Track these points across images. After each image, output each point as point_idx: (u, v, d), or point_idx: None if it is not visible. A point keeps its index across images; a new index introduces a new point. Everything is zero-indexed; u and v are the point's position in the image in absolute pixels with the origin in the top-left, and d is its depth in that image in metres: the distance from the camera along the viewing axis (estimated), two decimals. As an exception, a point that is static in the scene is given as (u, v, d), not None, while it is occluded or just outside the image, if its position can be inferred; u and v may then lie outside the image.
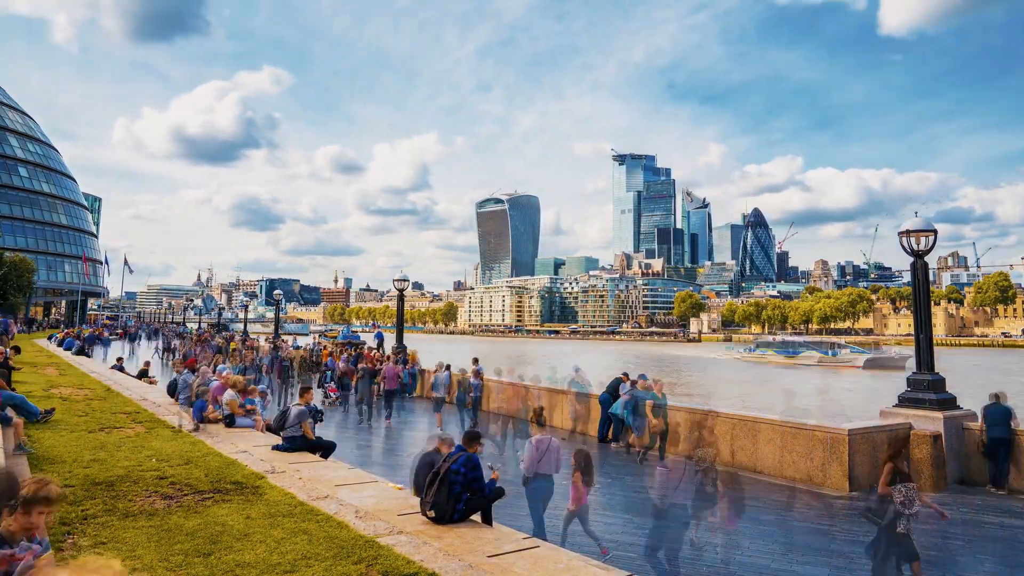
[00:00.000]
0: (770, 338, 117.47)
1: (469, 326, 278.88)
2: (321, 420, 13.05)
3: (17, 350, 20.70)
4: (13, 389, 12.63)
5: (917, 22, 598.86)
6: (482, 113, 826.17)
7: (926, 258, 12.28)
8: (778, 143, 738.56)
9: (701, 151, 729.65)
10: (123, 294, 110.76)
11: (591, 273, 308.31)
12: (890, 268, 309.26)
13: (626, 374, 15.86)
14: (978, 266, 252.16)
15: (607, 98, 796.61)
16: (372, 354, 25.91)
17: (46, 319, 74.86)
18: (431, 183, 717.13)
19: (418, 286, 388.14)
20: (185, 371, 15.36)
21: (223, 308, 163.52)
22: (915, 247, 12.15)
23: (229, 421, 11.90)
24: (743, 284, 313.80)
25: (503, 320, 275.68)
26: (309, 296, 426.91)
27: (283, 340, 35.41)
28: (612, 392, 15.35)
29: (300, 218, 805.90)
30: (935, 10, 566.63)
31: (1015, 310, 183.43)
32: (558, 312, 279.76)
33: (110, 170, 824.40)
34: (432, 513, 6.50)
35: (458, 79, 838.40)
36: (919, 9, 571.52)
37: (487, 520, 6.80)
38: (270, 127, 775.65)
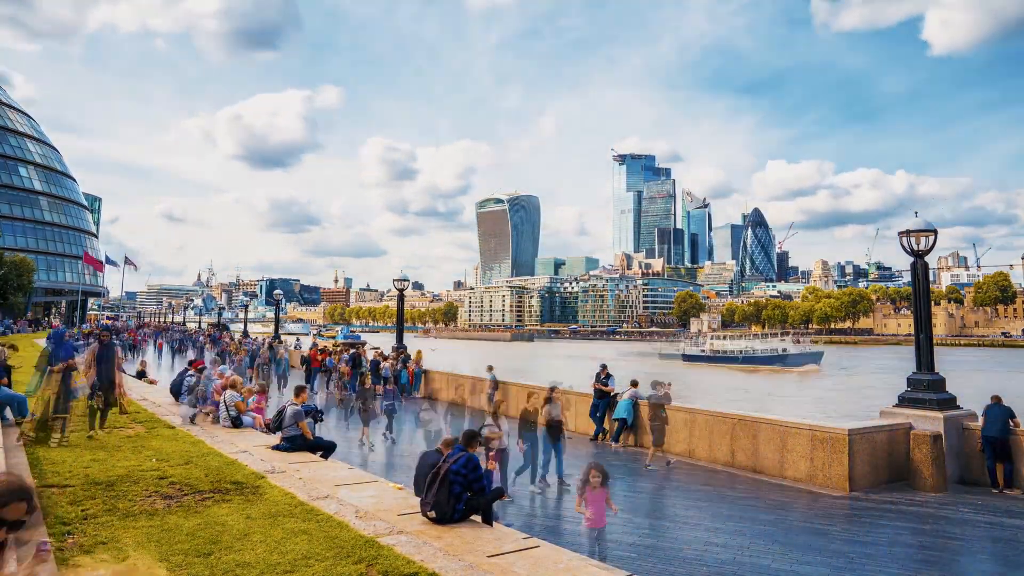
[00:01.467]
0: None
1: (469, 326, 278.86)
2: (322, 420, 13.05)
3: (14, 348, 20.60)
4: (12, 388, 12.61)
5: (961, 47, 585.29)
6: (502, 111, 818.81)
7: (926, 258, 12.28)
8: (808, 139, 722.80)
9: (727, 151, 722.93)
10: (123, 294, 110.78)
11: (591, 273, 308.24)
12: (890, 268, 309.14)
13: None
14: (978, 266, 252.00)
15: (632, 95, 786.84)
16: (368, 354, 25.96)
17: (47, 319, 74.91)
18: (473, 184, 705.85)
19: (418, 286, 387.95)
20: (190, 372, 15.35)
21: (223, 308, 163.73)
22: (915, 247, 12.15)
23: (237, 422, 11.89)
24: (743, 284, 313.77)
25: (503, 320, 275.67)
26: (309, 296, 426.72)
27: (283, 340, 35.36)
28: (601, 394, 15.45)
29: (333, 220, 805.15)
30: (981, 35, 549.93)
31: (1015, 310, 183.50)
32: (558, 312, 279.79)
33: (143, 170, 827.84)
34: (432, 513, 6.50)
35: (479, 74, 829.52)
36: (964, 35, 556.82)
37: (487, 520, 6.81)
38: (321, 132, 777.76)
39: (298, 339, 41.63)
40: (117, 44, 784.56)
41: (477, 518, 6.71)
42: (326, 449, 10.41)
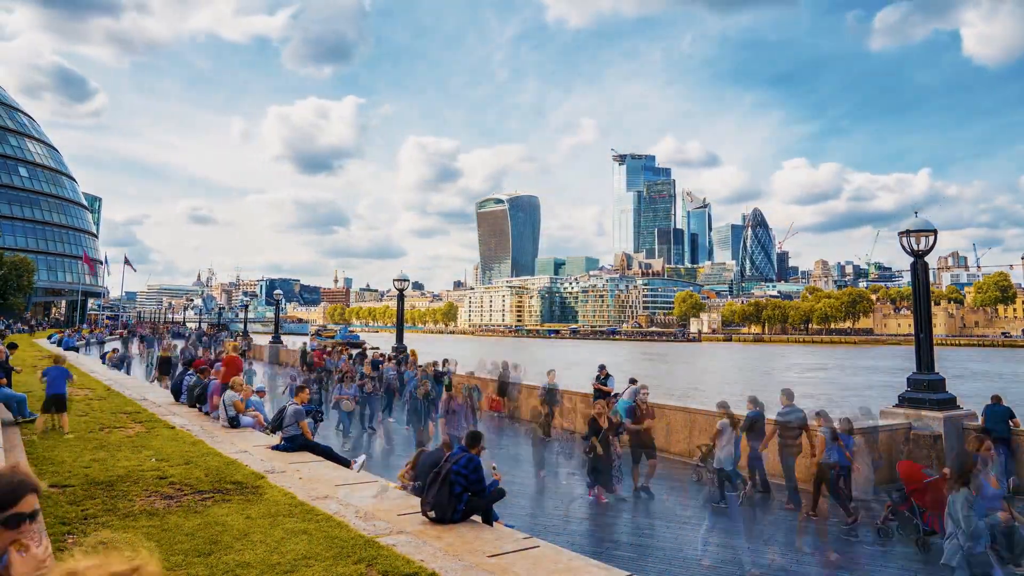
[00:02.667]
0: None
1: (469, 326, 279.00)
2: (322, 420, 13.07)
3: (13, 346, 20.59)
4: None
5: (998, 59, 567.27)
6: (522, 109, 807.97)
7: (926, 258, 12.28)
8: (831, 134, 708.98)
9: (749, 151, 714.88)
10: (123, 294, 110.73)
11: (591, 273, 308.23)
12: (890, 268, 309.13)
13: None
14: (978, 266, 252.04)
15: (651, 93, 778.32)
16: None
17: (46, 319, 74.91)
18: (502, 187, 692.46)
19: (418, 286, 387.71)
20: (191, 372, 15.37)
21: (223, 308, 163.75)
22: (915, 247, 12.15)
23: (234, 422, 11.89)
24: (743, 284, 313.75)
25: (503, 320, 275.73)
26: (309, 296, 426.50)
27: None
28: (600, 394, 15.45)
29: (361, 222, 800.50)
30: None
31: (1015, 310, 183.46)
32: (558, 312, 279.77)
33: (177, 171, 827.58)
34: (433, 513, 6.50)
35: (493, 69, 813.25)
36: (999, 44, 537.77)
37: (488, 520, 6.81)
38: (365, 137, 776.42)
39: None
40: (181, 55, 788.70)
41: (477, 518, 6.71)
42: (324, 454, 10.38)
